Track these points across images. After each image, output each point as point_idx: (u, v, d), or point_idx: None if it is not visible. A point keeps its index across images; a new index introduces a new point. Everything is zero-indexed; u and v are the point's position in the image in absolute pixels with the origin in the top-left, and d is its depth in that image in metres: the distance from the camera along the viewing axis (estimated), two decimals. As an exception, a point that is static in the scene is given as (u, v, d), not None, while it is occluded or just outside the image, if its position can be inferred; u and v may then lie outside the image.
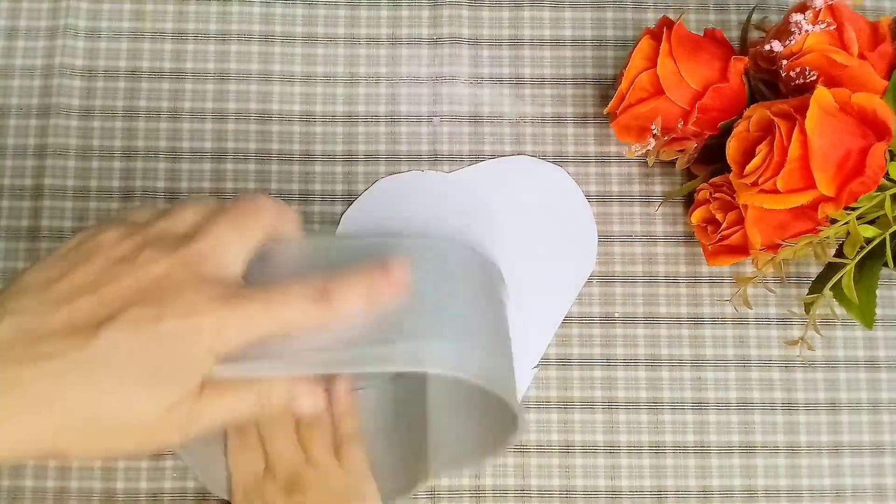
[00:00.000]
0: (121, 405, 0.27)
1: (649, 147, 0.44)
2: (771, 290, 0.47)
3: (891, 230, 0.40)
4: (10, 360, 0.26)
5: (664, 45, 0.42)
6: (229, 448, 0.42)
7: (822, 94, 0.38)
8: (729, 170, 0.41)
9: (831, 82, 0.40)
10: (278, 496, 0.38)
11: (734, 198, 0.41)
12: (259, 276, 0.31)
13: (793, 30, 0.41)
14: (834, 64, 0.40)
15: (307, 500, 0.38)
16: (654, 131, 0.43)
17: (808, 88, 0.40)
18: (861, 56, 0.40)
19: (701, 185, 0.44)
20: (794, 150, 0.38)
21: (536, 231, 0.48)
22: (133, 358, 0.27)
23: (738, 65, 0.42)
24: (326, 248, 0.33)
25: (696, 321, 0.47)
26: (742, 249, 0.42)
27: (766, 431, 0.46)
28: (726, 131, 0.42)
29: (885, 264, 0.41)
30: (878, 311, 0.42)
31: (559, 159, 0.48)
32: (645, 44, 0.43)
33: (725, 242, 0.42)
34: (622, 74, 0.44)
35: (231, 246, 0.30)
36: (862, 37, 0.41)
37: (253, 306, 0.28)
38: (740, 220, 0.41)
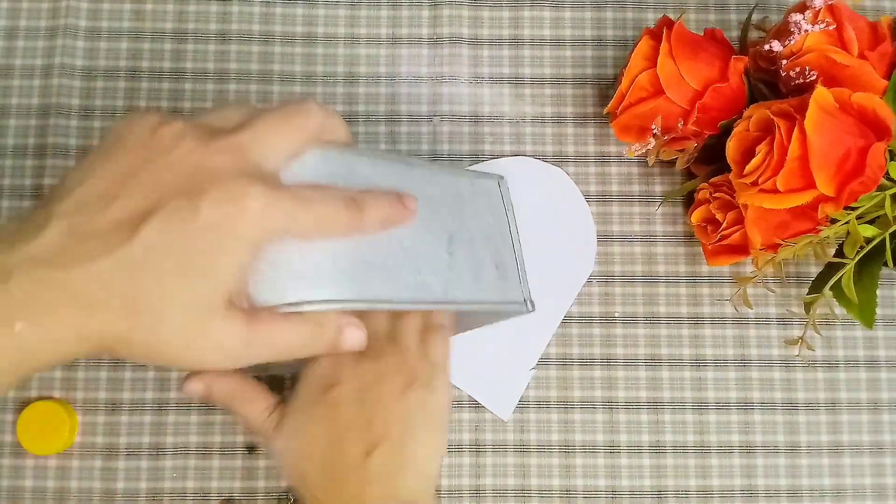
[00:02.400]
0: (155, 316, 0.27)
1: (649, 146, 0.44)
2: (771, 290, 0.47)
3: (891, 230, 0.40)
4: (58, 264, 0.26)
5: (664, 45, 0.42)
6: None
7: (821, 94, 0.38)
8: (729, 169, 0.41)
9: (831, 82, 0.40)
10: (350, 358, 0.37)
11: (734, 197, 0.41)
12: (293, 180, 0.31)
13: (793, 30, 0.41)
14: (834, 64, 0.40)
15: (376, 369, 0.36)
16: (655, 131, 0.43)
17: (808, 88, 0.40)
18: (861, 56, 0.40)
19: (701, 185, 0.44)
20: (793, 149, 0.38)
21: (536, 231, 0.48)
22: (170, 253, 0.27)
23: (738, 65, 0.42)
24: (357, 165, 0.34)
25: (696, 321, 0.47)
26: (742, 249, 0.42)
27: (766, 431, 0.46)
28: (726, 131, 0.42)
29: (885, 264, 0.41)
30: (878, 310, 0.42)
31: (559, 159, 0.48)
32: (645, 44, 0.43)
33: (725, 242, 0.42)
34: (622, 74, 0.44)
35: (273, 141, 0.30)
36: (862, 37, 0.41)
37: (291, 199, 0.29)
38: (740, 220, 0.41)
